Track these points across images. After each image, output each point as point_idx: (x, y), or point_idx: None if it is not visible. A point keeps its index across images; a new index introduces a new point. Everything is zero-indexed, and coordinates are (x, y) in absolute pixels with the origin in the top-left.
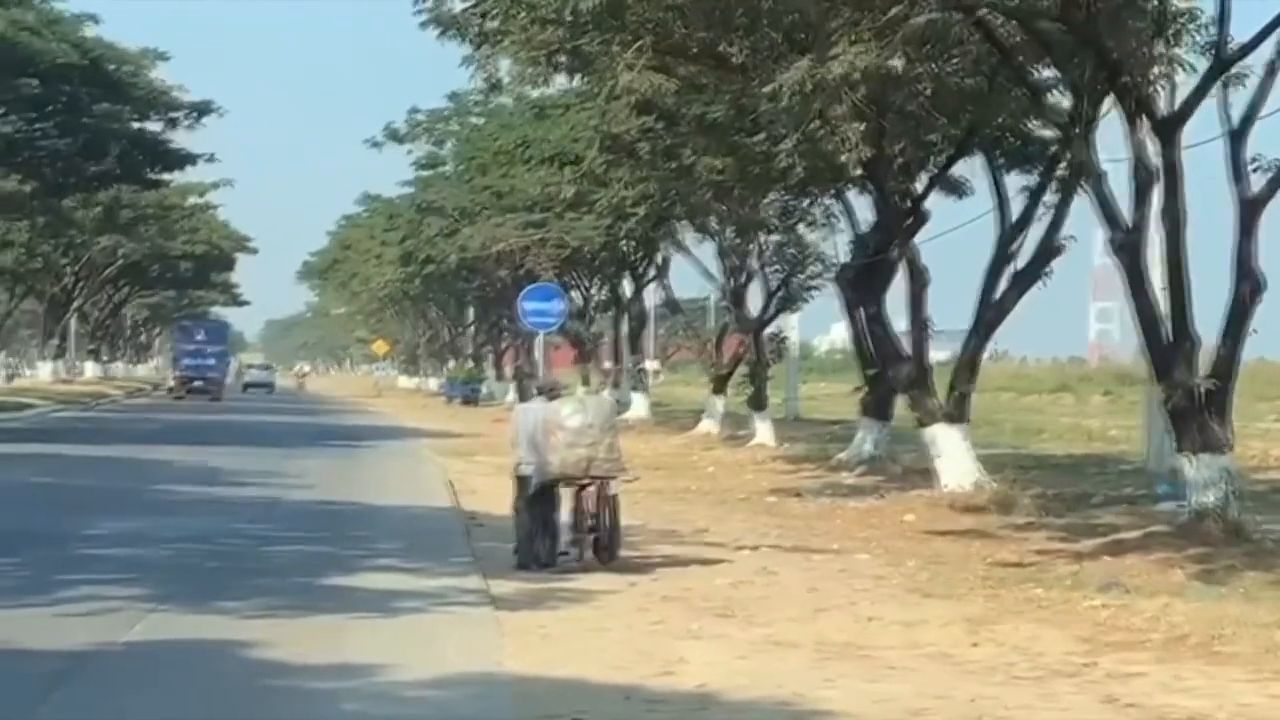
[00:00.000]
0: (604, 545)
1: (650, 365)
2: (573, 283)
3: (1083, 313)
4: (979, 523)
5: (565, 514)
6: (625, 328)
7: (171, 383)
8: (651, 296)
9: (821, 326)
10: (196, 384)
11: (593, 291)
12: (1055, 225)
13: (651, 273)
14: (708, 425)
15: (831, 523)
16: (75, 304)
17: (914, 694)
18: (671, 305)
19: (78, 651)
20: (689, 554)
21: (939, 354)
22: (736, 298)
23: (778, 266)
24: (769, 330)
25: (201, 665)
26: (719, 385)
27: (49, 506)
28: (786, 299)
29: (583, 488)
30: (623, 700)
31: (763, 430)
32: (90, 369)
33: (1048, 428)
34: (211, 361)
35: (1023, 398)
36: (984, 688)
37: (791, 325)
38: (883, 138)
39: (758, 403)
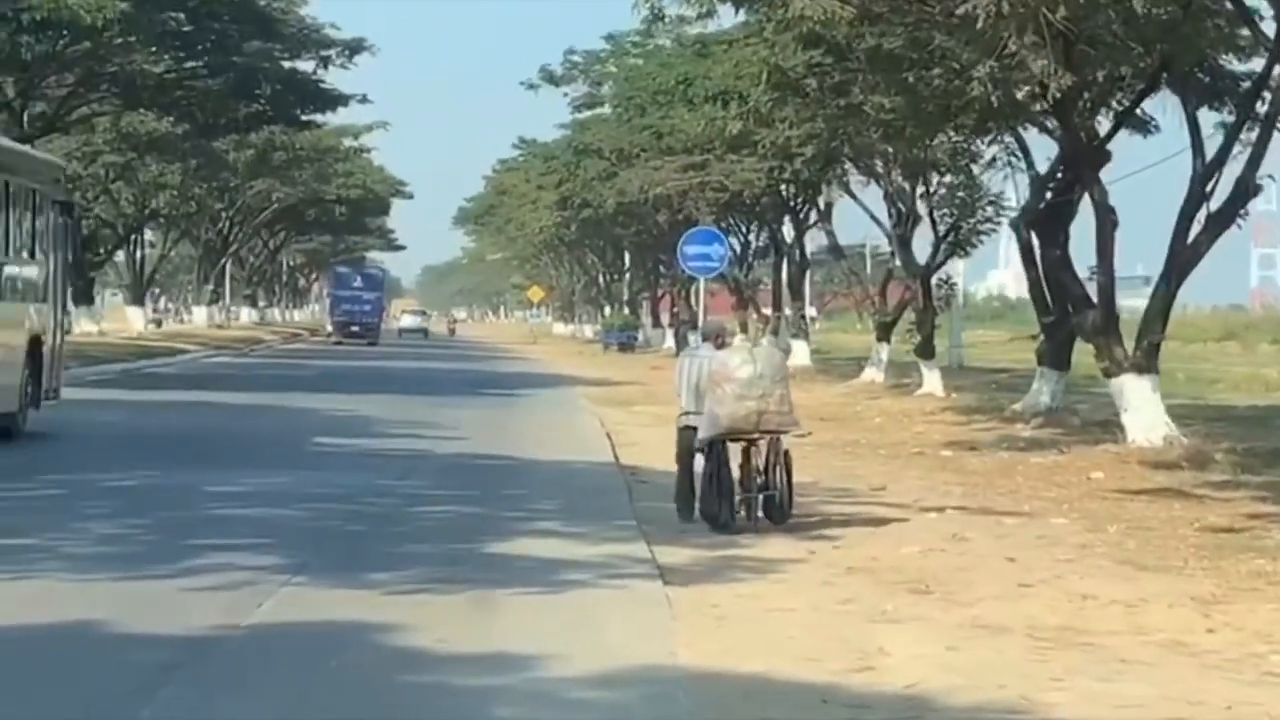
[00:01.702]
0: (776, 505)
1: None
2: (731, 228)
3: (1243, 260)
4: (1173, 481)
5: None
6: (785, 273)
7: (329, 328)
8: (809, 243)
9: (978, 273)
10: (353, 329)
11: (751, 237)
12: (1253, 163)
13: (813, 217)
14: (872, 374)
15: (1013, 480)
16: (231, 249)
17: (1159, 698)
18: (835, 250)
19: (194, 637)
20: (868, 516)
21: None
22: (903, 242)
23: (947, 210)
24: (937, 276)
25: (331, 656)
26: (884, 333)
27: (187, 459)
28: (955, 244)
29: (752, 443)
30: (820, 704)
31: (931, 379)
32: (246, 314)
33: (1222, 377)
34: (368, 307)
35: (1187, 346)
36: (1236, 688)
37: (957, 271)
38: (1084, 66)
39: (925, 351)
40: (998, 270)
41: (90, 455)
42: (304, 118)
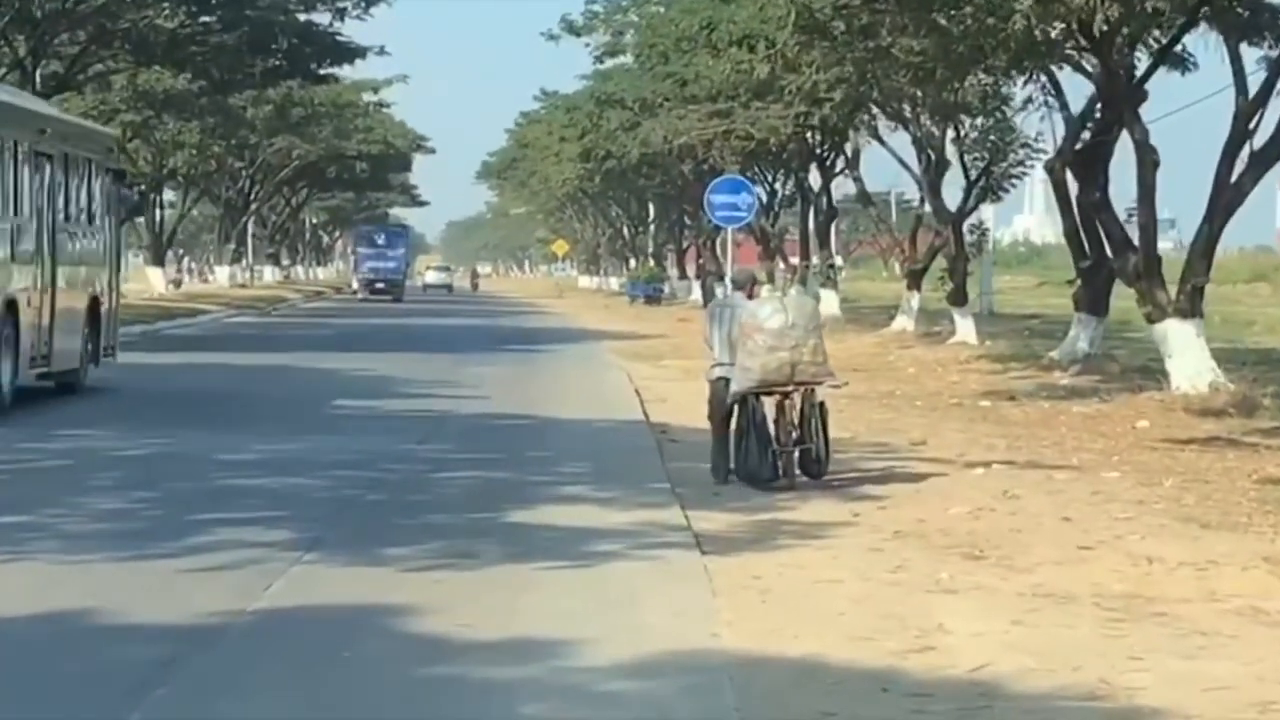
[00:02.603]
0: (813, 459)
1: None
2: (757, 177)
3: (1268, 200)
4: (1222, 428)
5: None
6: (812, 222)
7: (354, 285)
8: (835, 191)
9: (1004, 219)
10: (378, 286)
11: (778, 186)
12: None
13: (839, 165)
14: (903, 322)
15: (1056, 431)
16: (252, 207)
17: (1250, 676)
18: (863, 198)
19: (196, 626)
20: (911, 472)
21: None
22: (933, 188)
23: (979, 154)
24: (969, 221)
25: (343, 645)
26: (914, 280)
27: (200, 424)
28: (987, 188)
29: (786, 396)
30: (880, 693)
31: (964, 327)
32: (269, 273)
33: (1256, 319)
34: (392, 264)
35: (1218, 289)
36: None
37: (986, 217)
38: None
39: (958, 298)
40: (1023, 215)
41: (101, 420)
42: (321, 71)
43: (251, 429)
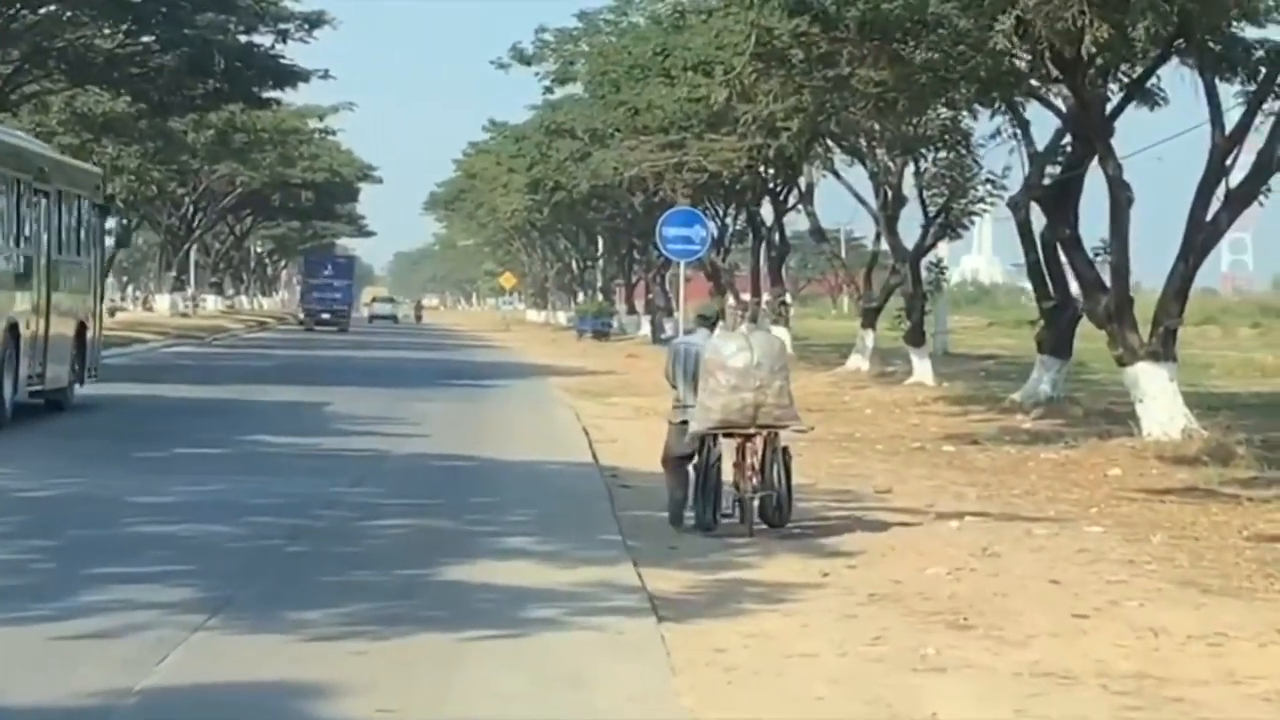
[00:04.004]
0: (774, 507)
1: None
2: (708, 210)
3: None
4: (1198, 478)
5: (728, 470)
6: (764, 257)
7: (301, 315)
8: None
9: (953, 259)
10: (324, 316)
11: (729, 220)
12: (1276, 135)
13: (793, 199)
14: (857, 361)
15: (1026, 478)
16: (195, 235)
17: None
18: (817, 233)
19: (71, 710)
20: (879, 524)
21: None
22: (890, 224)
23: (938, 190)
24: (927, 259)
25: None
26: (869, 319)
27: (116, 464)
28: (946, 225)
29: (748, 439)
30: None
31: (920, 368)
32: (213, 302)
33: (1213, 363)
34: (339, 295)
35: None
36: None
37: (943, 255)
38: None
39: (915, 338)
40: (971, 255)
41: (11, 456)
42: (263, 95)
43: (172, 467)
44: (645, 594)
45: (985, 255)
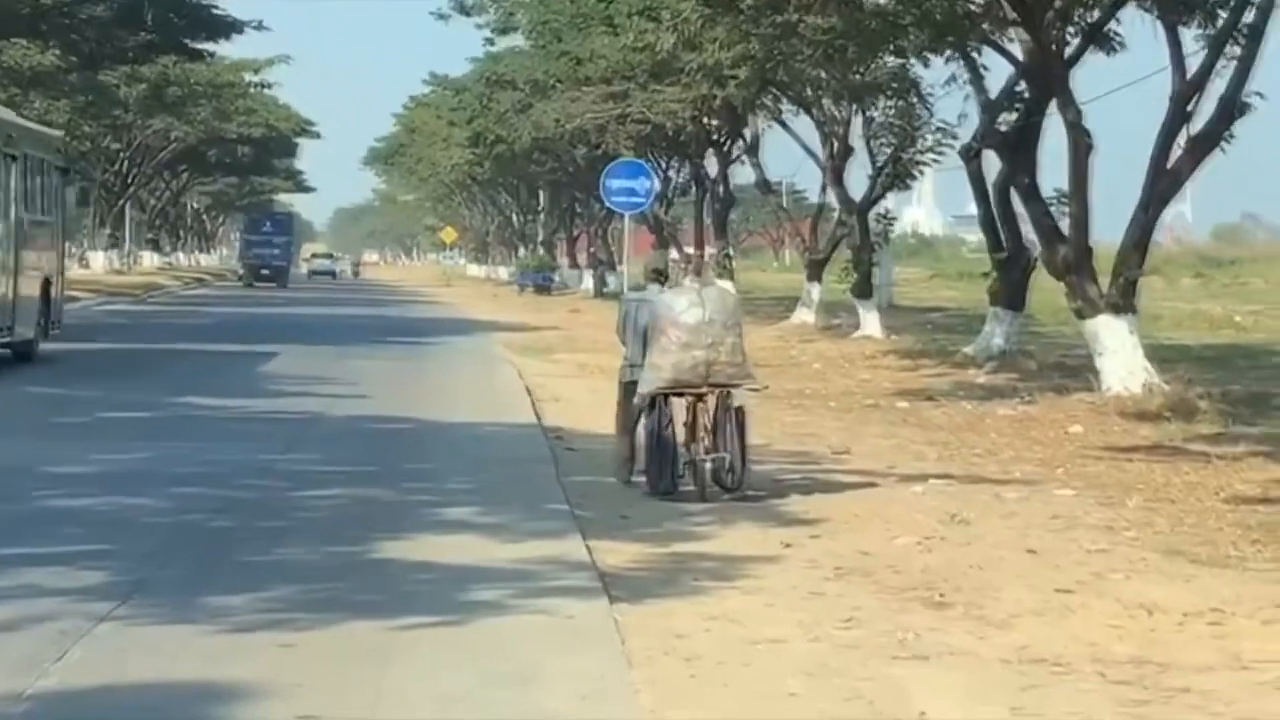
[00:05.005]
0: (727, 470)
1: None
2: (651, 162)
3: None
4: (1162, 434)
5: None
6: (708, 211)
7: (240, 272)
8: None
9: (894, 211)
10: (263, 273)
11: (672, 173)
12: (1238, 79)
13: (737, 151)
14: (803, 315)
15: (986, 436)
16: (130, 191)
17: None
18: (763, 185)
19: None
20: (840, 488)
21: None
22: (837, 175)
23: (886, 140)
24: (875, 211)
25: None
26: (815, 271)
27: (34, 431)
28: (895, 175)
29: (700, 398)
30: None
31: (869, 321)
32: (149, 259)
33: (1161, 314)
34: (277, 251)
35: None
36: None
37: (891, 207)
38: None
39: (863, 290)
40: (912, 207)
41: None
42: (196, 46)
43: (93, 433)
44: (595, 571)
45: (926, 207)
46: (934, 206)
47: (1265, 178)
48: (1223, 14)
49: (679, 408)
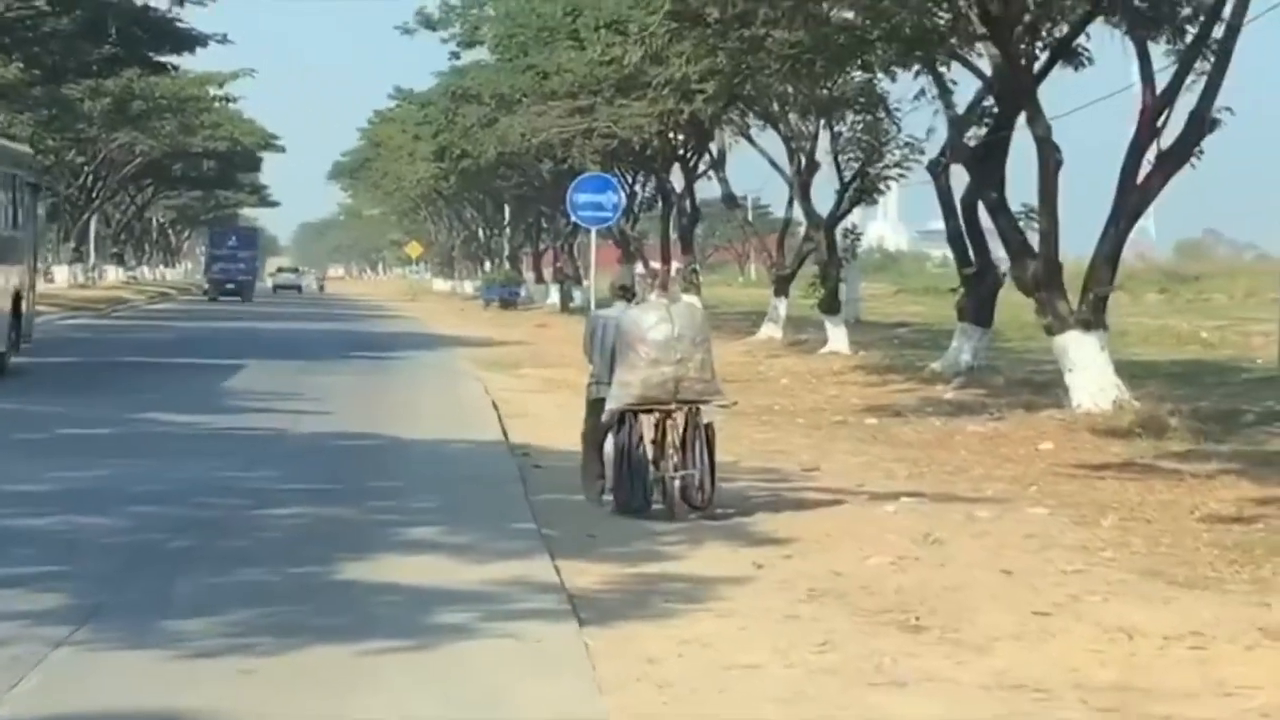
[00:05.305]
0: (696, 487)
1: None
2: (617, 177)
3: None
4: (1133, 451)
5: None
6: (674, 225)
7: (205, 286)
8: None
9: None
10: (228, 287)
11: (638, 187)
12: (1208, 95)
13: (703, 166)
14: (770, 330)
15: (956, 454)
16: (94, 205)
17: None
18: (729, 200)
19: None
20: (811, 506)
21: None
22: (804, 190)
23: (854, 154)
24: (842, 225)
25: None
26: (782, 286)
27: None
28: (862, 190)
29: (668, 415)
30: None
31: (836, 336)
32: (114, 274)
33: (1127, 330)
34: (243, 265)
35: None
36: None
37: (858, 222)
38: None
39: (831, 305)
40: (877, 222)
41: None
42: (160, 60)
43: (53, 450)
44: (564, 593)
45: (891, 222)
46: (898, 221)
47: (1226, 194)
48: (1191, 30)
49: (647, 424)
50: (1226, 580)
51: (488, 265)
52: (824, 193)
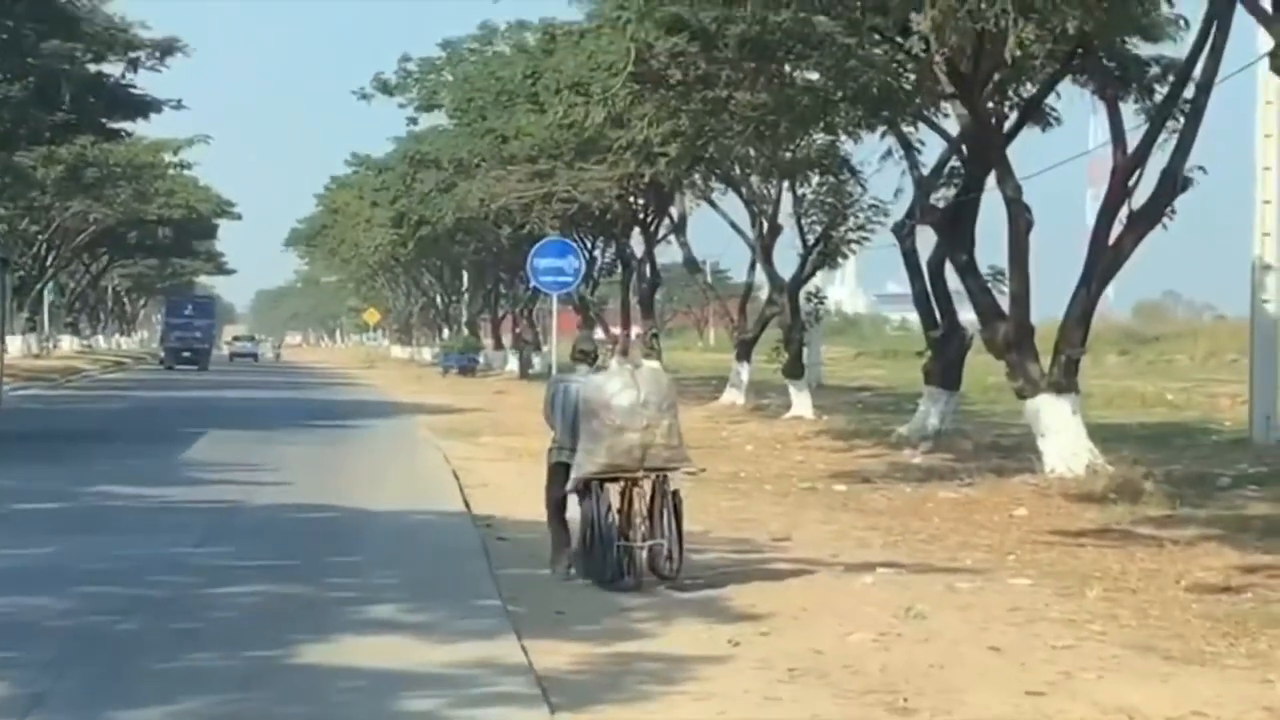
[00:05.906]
0: (665, 556)
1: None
2: (577, 241)
3: (1071, 270)
4: (1109, 517)
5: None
6: (634, 290)
7: (161, 355)
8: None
9: None
10: (185, 355)
11: (597, 252)
12: (1180, 154)
13: (663, 230)
14: (733, 395)
15: (929, 521)
16: (48, 274)
17: None
18: (690, 264)
19: None
20: (784, 578)
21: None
22: (766, 253)
23: (816, 217)
24: (805, 289)
25: None
26: (744, 351)
27: None
28: (825, 254)
29: (635, 483)
30: None
31: (800, 401)
32: (68, 343)
33: (1091, 392)
34: (199, 334)
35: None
36: None
37: (820, 285)
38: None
39: (794, 370)
40: (835, 285)
41: None
42: (113, 126)
43: None
44: (532, 675)
45: (849, 286)
46: (856, 285)
47: (1183, 255)
48: (1160, 89)
49: (613, 493)
50: (1223, 655)
51: (446, 332)
52: (786, 256)
